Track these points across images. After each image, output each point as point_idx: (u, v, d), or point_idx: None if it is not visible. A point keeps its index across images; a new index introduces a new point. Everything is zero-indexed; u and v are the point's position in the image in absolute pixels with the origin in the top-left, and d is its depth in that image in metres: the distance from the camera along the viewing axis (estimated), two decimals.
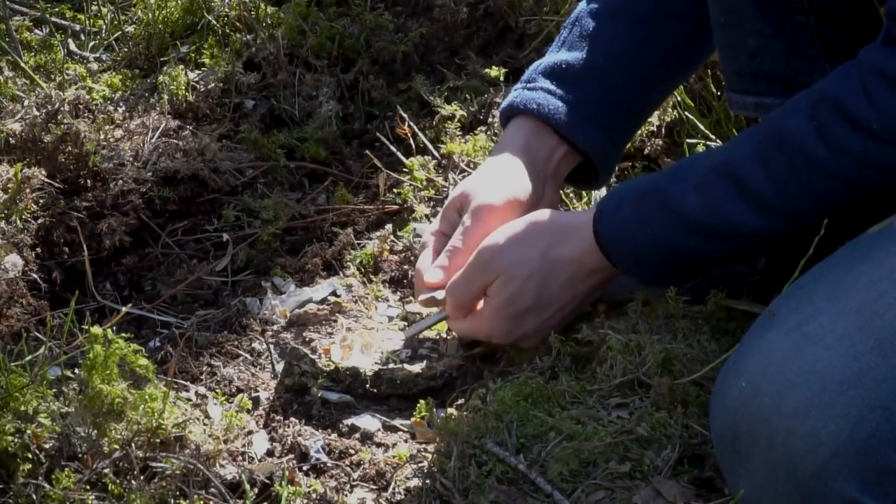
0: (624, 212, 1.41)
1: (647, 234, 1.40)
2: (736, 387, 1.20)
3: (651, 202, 1.40)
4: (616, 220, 1.42)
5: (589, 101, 1.59)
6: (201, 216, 1.98)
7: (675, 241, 1.39)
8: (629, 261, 1.43)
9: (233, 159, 2.04)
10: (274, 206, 1.97)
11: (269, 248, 1.93)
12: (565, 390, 1.41)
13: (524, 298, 1.48)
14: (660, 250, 1.40)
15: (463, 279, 1.51)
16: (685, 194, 1.37)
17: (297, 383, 1.54)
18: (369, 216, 2.00)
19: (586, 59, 1.60)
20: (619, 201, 1.43)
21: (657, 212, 1.39)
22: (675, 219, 1.38)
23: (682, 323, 1.47)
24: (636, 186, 1.43)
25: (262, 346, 1.68)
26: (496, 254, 1.48)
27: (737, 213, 1.34)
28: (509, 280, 1.47)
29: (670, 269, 1.44)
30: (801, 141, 1.31)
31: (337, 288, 1.82)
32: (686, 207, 1.37)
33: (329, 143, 2.15)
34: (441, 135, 2.13)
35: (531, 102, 1.59)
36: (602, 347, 1.45)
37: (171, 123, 2.04)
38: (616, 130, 1.63)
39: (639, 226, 1.40)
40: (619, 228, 1.42)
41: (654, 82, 1.64)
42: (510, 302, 1.48)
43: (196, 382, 1.61)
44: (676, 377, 1.39)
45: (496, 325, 1.51)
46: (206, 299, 1.84)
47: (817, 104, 1.31)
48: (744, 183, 1.34)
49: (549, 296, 1.48)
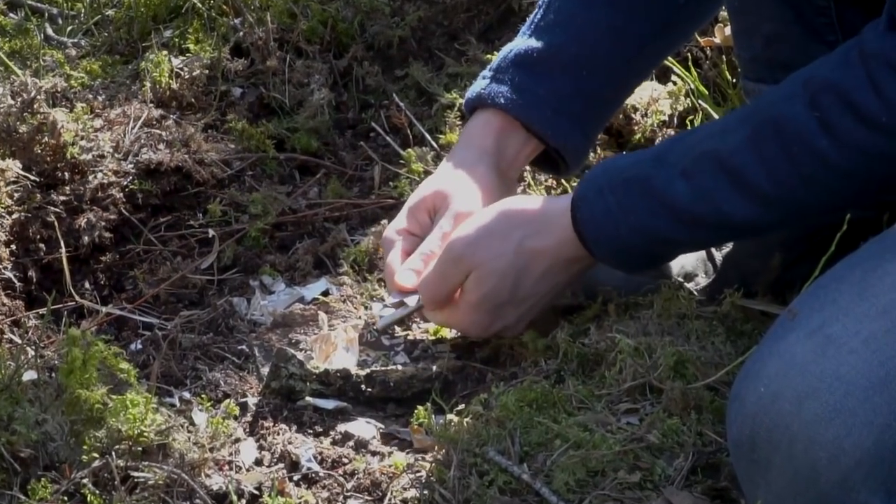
0: (605, 199, 1.41)
1: (630, 223, 1.40)
2: (754, 392, 1.19)
3: (635, 189, 1.39)
4: (596, 209, 1.42)
5: (560, 93, 1.58)
6: (185, 211, 1.98)
7: (661, 230, 1.39)
8: (609, 250, 1.43)
9: (219, 150, 2.03)
10: (263, 201, 1.97)
11: (257, 245, 1.93)
12: (572, 395, 1.41)
13: (501, 293, 1.48)
14: (643, 239, 1.40)
15: (435, 275, 1.51)
16: (672, 182, 1.37)
17: (285, 386, 1.54)
18: (364, 211, 2.00)
19: (558, 47, 1.58)
20: (598, 188, 1.42)
21: (642, 200, 1.39)
22: (661, 208, 1.38)
23: (696, 324, 1.48)
24: (616, 171, 1.42)
25: (249, 348, 1.68)
26: (468, 248, 1.48)
27: (729, 203, 1.35)
28: (484, 276, 1.48)
29: (651, 258, 1.45)
30: (800, 131, 1.31)
31: (329, 287, 1.82)
32: (674, 196, 1.37)
33: (321, 134, 2.14)
34: (440, 124, 2.12)
35: (498, 96, 1.58)
36: (611, 350, 1.45)
37: (154, 113, 2.04)
38: (588, 123, 1.62)
39: (621, 214, 1.40)
40: (599, 217, 1.42)
41: (629, 71, 1.63)
42: (487, 297, 1.49)
43: (180, 387, 1.61)
44: (690, 381, 1.39)
45: (473, 320, 1.52)
46: (190, 299, 1.84)
47: (817, 93, 1.30)
48: (736, 172, 1.34)
49: (526, 289, 1.48)
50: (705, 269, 1.68)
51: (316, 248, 1.91)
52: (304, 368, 1.54)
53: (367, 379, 1.55)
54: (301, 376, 1.54)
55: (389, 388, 1.55)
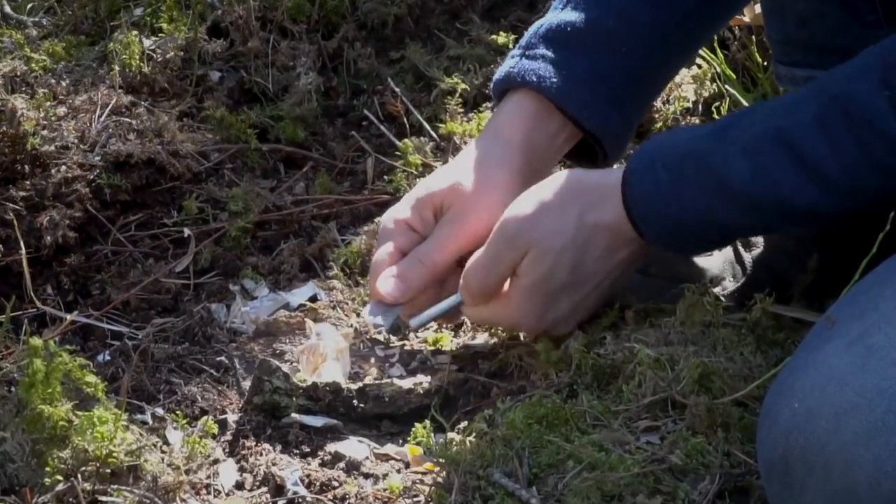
0: (657, 174, 1.41)
1: (682, 202, 1.40)
2: (787, 408, 1.19)
3: (690, 165, 1.40)
4: (647, 184, 1.42)
5: (598, 72, 1.58)
6: (158, 208, 1.98)
7: (715, 212, 1.39)
8: (659, 230, 1.44)
9: (195, 141, 2.03)
10: (244, 196, 1.97)
11: (238, 246, 1.93)
12: (586, 411, 1.41)
13: (559, 275, 1.48)
14: (695, 221, 1.41)
15: (485, 259, 1.50)
16: (731, 159, 1.37)
17: (269, 402, 1.54)
18: (355, 208, 2.00)
19: (595, 21, 1.59)
20: (650, 162, 1.42)
21: (697, 177, 1.39)
22: (717, 187, 1.38)
23: (723, 333, 1.47)
24: (671, 144, 1.43)
25: (229, 360, 1.68)
26: (524, 224, 1.47)
27: (791, 186, 1.35)
28: (543, 254, 1.47)
29: (703, 242, 1.45)
30: (869, 111, 1.31)
31: (318, 292, 1.82)
32: (732, 175, 1.37)
33: (308, 123, 2.14)
34: (440, 112, 2.12)
35: (530, 74, 1.58)
36: (629, 361, 1.45)
37: (124, 99, 2.04)
38: (628, 106, 1.62)
39: (673, 192, 1.40)
40: (650, 193, 1.42)
41: (671, 48, 1.63)
42: (544, 280, 1.48)
43: (152, 403, 1.61)
44: (716, 396, 1.39)
45: (526, 310, 1.50)
46: (164, 305, 1.84)
47: (891, 70, 1.30)
48: (801, 152, 1.34)
49: (585, 270, 1.48)
50: (733, 273, 1.68)
51: (303, 248, 1.91)
52: (290, 382, 1.54)
53: (360, 393, 1.55)
54: (286, 390, 1.54)
55: (384, 404, 1.55)
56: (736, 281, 1.67)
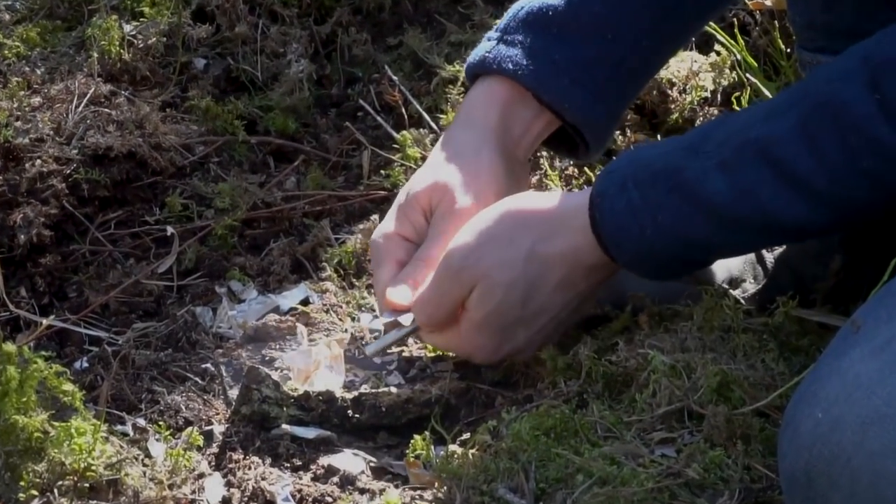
0: (628, 195, 1.41)
1: (657, 223, 1.40)
2: (810, 418, 1.20)
3: (664, 183, 1.39)
4: (618, 206, 1.41)
5: (580, 60, 1.58)
6: (140, 204, 1.98)
7: (694, 232, 1.39)
8: (634, 256, 1.43)
9: (179, 133, 2.04)
10: (231, 192, 1.98)
11: (224, 245, 1.94)
12: (596, 422, 1.41)
13: (509, 309, 1.49)
14: (673, 243, 1.41)
15: (431, 293, 1.52)
16: (708, 175, 1.37)
17: (258, 412, 1.54)
18: (350, 205, 2.00)
19: (579, 5, 1.59)
20: (621, 181, 1.42)
21: (671, 196, 1.39)
22: (694, 205, 1.38)
23: (743, 338, 1.48)
24: (643, 162, 1.42)
25: (215, 367, 1.68)
26: (469, 257, 1.49)
27: (774, 201, 1.35)
28: (489, 290, 1.48)
29: (683, 264, 1.45)
30: (857, 117, 1.30)
31: (310, 294, 1.82)
32: (709, 192, 1.37)
33: (300, 113, 2.15)
34: (440, 102, 2.12)
35: (506, 61, 1.58)
36: (643, 369, 1.45)
37: (102, 88, 2.04)
38: (612, 96, 1.62)
39: (648, 214, 1.40)
40: (621, 216, 1.41)
41: (662, 36, 1.63)
42: (493, 314, 1.49)
43: (134, 413, 1.61)
44: (735, 406, 1.39)
45: (480, 342, 1.52)
46: (145, 309, 1.84)
47: (879, 72, 1.30)
48: (784, 165, 1.34)
49: (539, 303, 1.49)
50: (754, 274, 1.68)
51: (294, 248, 1.92)
52: (281, 391, 1.54)
53: (355, 403, 1.55)
54: (277, 400, 1.54)
55: (381, 414, 1.55)
56: (757, 283, 1.68)
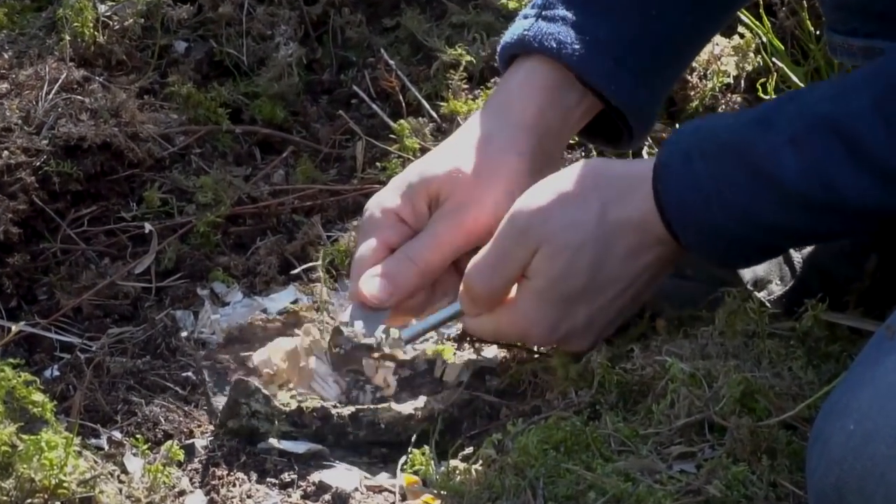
0: (694, 168, 1.41)
1: (724, 199, 1.40)
2: (841, 430, 1.20)
3: (731, 156, 1.40)
4: (683, 180, 1.42)
5: (624, 38, 1.59)
6: (115, 199, 1.98)
7: (762, 211, 1.40)
8: (696, 233, 1.43)
9: (158, 122, 2.04)
10: (214, 186, 1.98)
11: (207, 243, 1.94)
12: (610, 435, 1.41)
13: (576, 276, 1.48)
14: (739, 221, 1.41)
15: (491, 257, 1.50)
16: (779, 151, 1.38)
17: (246, 427, 1.54)
18: (343, 200, 2.01)
19: None
20: (686, 152, 1.43)
21: (740, 171, 1.39)
22: (764, 182, 1.39)
23: (768, 344, 1.48)
24: (711, 133, 1.43)
25: (197, 375, 1.68)
26: (537, 216, 1.48)
27: (845, 180, 1.36)
28: (557, 251, 1.47)
29: (748, 248, 1.45)
30: None
31: (299, 297, 1.83)
32: (781, 168, 1.37)
33: (288, 101, 2.15)
34: (440, 88, 2.13)
35: (549, 38, 1.58)
36: (660, 377, 1.45)
37: (75, 74, 2.05)
38: (656, 78, 1.63)
39: (714, 188, 1.40)
40: (686, 191, 1.42)
41: (708, 9, 1.64)
42: (558, 281, 1.48)
43: (109, 425, 1.61)
44: (760, 417, 1.39)
45: (536, 318, 1.50)
46: (121, 312, 1.85)
47: None
48: (858, 143, 1.35)
49: (607, 273, 1.48)
50: (781, 274, 1.68)
51: (282, 246, 1.92)
52: (271, 405, 1.54)
53: (352, 419, 1.55)
54: (266, 415, 1.54)
55: (379, 431, 1.55)
56: (784, 284, 1.68)
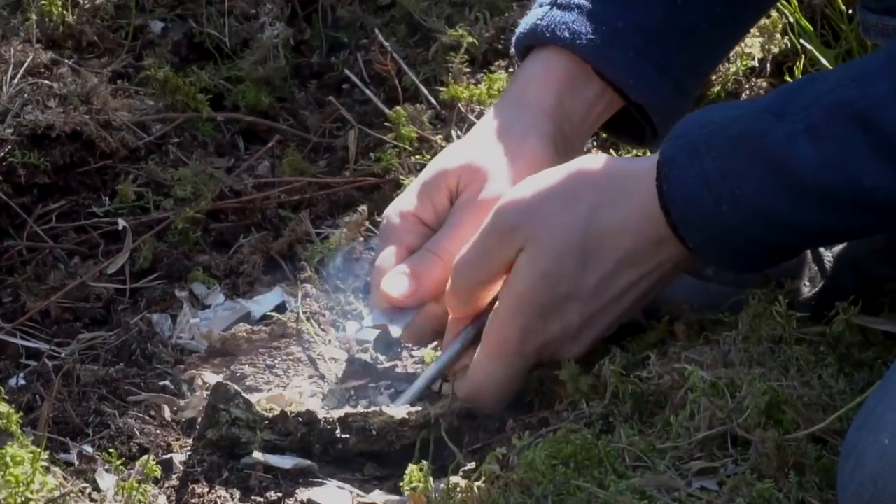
0: (701, 163, 1.41)
1: (736, 197, 1.40)
2: (875, 445, 1.20)
3: (743, 150, 1.40)
4: (690, 176, 1.41)
5: (647, 27, 1.60)
6: (86, 193, 1.99)
7: (778, 208, 1.39)
8: (707, 236, 1.43)
9: (132, 109, 2.05)
10: (193, 179, 1.98)
11: (185, 241, 1.95)
12: (624, 449, 1.41)
13: (559, 282, 1.48)
14: (754, 221, 1.41)
15: (474, 252, 1.51)
16: (794, 141, 1.37)
17: (226, 436, 1.54)
18: (334, 193, 2.01)
19: None
20: (692, 147, 1.42)
21: (752, 165, 1.39)
22: (779, 177, 1.38)
23: (797, 350, 1.48)
24: (716, 124, 1.43)
25: (175, 385, 1.68)
26: (521, 214, 1.48)
27: (870, 173, 1.35)
28: (539, 254, 1.47)
29: (763, 250, 1.44)
30: None
31: (287, 299, 1.83)
32: (797, 160, 1.37)
33: (274, 86, 2.16)
34: (440, 72, 2.13)
35: (562, 28, 1.59)
36: (679, 387, 1.45)
37: (42, 56, 2.05)
38: (685, 71, 1.63)
39: (724, 185, 1.40)
40: (694, 189, 1.41)
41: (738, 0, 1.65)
42: (539, 287, 1.48)
43: (79, 439, 1.61)
44: (787, 430, 1.39)
45: (518, 324, 1.50)
46: (92, 316, 1.85)
47: None
48: (881, 131, 1.34)
49: (596, 280, 1.48)
50: (810, 275, 1.68)
51: (267, 244, 1.92)
52: (253, 411, 1.54)
53: (341, 425, 1.54)
54: (248, 422, 1.54)
55: (371, 439, 1.54)
56: (813, 285, 1.68)
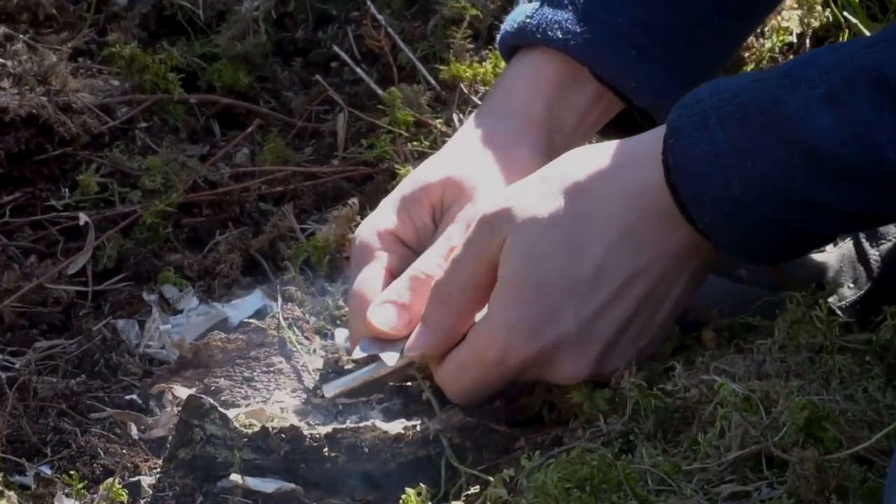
0: (711, 134, 1.41)
1: (748, 172, 1.40)
2: None
3: (755, 119, 1.40)
4: (698, 149, 1.41)
5: (650, 23, 1.61)
6: (43, 184, 1.99)
7: (794, 183, 1.39)
8: (717, 215, 1.43)
9: (95, 90, 2.05)
10: (163, 168, 1.98)
11: (155, 238, 1.95)
12: (647, 471, 1.41)
13: (550, 256, 1.46)
14: (768, 198, 1.41)
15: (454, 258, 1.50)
16: (811, 108, 1.37)
17: (200, 456, 1.53)
18: (321, 184, 2.01)
19: None
20: (701, 117, 1.42)
21: (766, 136, 1.39)
22: (795, 148, 1.38)
23: (839, 360, 1.47)
24: (729, 93, 1.43)
25: (143, 399, 1.68)
26: (502, 205, 1.47)
27: (893, 142, 1.36)
28: (524, 227, 1.46)
29: (780, 234, 1.44)
30: None
31: (268, 303, 1.82)
32: (814, 129, 1.37)
33: (254, 64, 2.16)
34: (440, 49, 2.14)
35: (553, 27, 1.60)
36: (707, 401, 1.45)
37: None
38: (693, 69, 1.64)
39: (735, 158, 1.40)
40: (702, 163, 1.41)
41: None
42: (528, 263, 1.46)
43: (37, 459, 1.62)
44: (829, 449, 1.38)
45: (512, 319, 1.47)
46: (51, 322, 1.85)
47: None
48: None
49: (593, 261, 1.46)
50: (854, 276, 1.68)
51: (246, 241, 1.92)
52: (231, 427, 1.54)
53: (330, 441, 1.54)
54: (225, 440, 1.53)
55: (362, 457, 1.54)
56: (858, 287, 1.68)
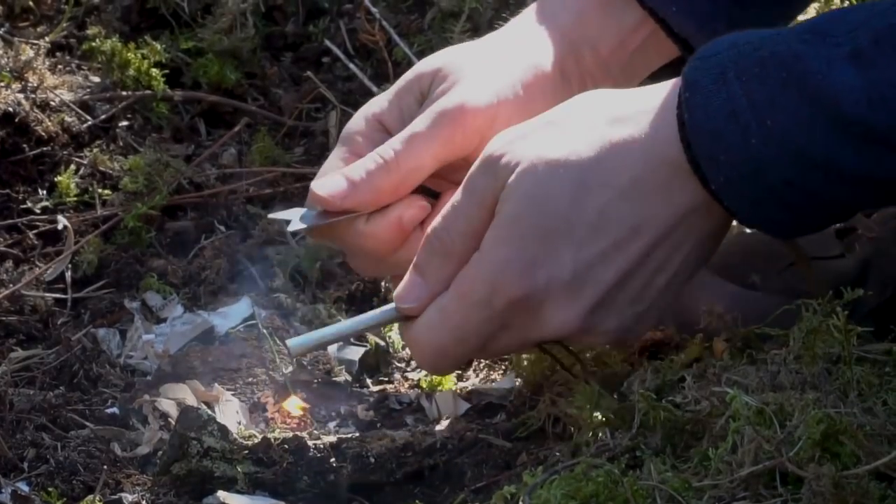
0: (729, 89, 1.41)
1: (767, 129, 1.40)
2: None
3: (776, 75, 1.40)
4: (715, 105, 1.41)
5: None
6: (20, 186, 2.00)
7: (815, 144, 1.39)
8: (731, 175, 1.42)
9: (74, 87, 2.05)
10: (146, 169, 1.98)
11: (137, 242, 1.95)
12: (655, 487, 1.41)
13: (554, 198, 1.45)
14: (787, 159, 1.40)
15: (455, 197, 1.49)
16: (836, 66, 1.37)
17: (196, 471, 1.54)
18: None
19: None
20: (719, 70, 1.42)
21: (787, 93, 1.39)
22: (817, 107, 1.38)
23: (857, 371, 1.47)
24: (750, 45, 1.43)
25: (124, 412, 1.69)
26: (509, 141, 1.48)
27: None
28: (530, 167, 1.45)
29: (798, 198, 1.43)
30: None
31: (256, 311, 1.84)
32: (837, 88, 1.37)
33: (242, 59, 2.17)
34: (437, 43, 2.12)
35: None
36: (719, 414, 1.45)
37: None
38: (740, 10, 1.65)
39: (753, 115, 1.40)
40: (719, 119, 1.41)
41: None
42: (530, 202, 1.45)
43: (13, 475, 1.62)
44: (846, 465, 1.39)
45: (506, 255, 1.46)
46: (28, 331, 1.85)
47: None
48: None
49: (597, 208, 1.45)
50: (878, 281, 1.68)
51: (233, 246, 1.93)
52: (230, 440, 1.54)
53: (335, 451, 1.55)
54: (224, 452, 1.54)
55: (368, 468, 1.55)
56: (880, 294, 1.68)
